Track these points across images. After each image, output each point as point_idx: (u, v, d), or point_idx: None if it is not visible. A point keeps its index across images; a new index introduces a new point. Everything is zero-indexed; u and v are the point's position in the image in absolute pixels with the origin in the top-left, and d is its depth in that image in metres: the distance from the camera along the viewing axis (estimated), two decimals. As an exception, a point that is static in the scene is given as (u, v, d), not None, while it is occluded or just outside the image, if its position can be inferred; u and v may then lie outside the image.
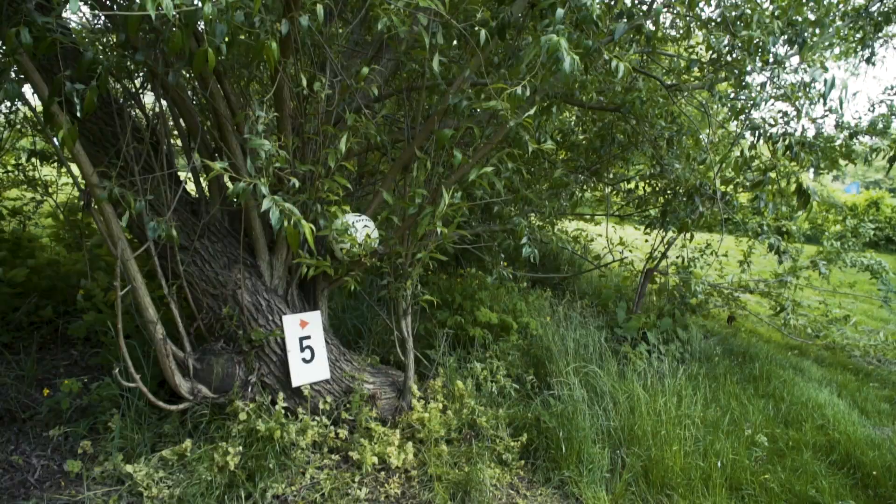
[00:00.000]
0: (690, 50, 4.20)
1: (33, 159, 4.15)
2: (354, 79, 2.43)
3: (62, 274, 4.38)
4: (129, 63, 2.32)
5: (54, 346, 3.91)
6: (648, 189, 4.55)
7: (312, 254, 2.83)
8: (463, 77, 2.45)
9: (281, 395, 2.81)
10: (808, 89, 3.22)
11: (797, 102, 3.24)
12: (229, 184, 1.84)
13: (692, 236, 4.56)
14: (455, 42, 2.94)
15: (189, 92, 3.08)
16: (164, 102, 2.80)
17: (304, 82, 2.27)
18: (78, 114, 2.18)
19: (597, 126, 4.23)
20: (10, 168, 4.66)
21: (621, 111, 3.34)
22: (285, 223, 1.71)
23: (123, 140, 2.46)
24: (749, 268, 5.29)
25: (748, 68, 2.94)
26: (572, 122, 4.47)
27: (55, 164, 4.50)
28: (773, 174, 3.37)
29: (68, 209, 4.72)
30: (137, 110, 2.83)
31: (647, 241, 5.11)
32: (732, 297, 5.08)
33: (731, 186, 4.17)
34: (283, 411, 2.75)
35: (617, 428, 3.16)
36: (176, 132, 3.01)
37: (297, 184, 2.12)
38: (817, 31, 3.11)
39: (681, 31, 4.22)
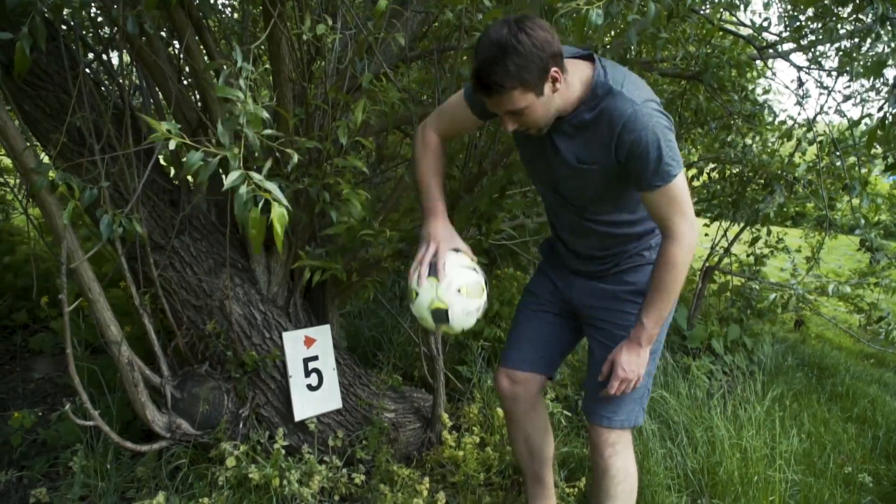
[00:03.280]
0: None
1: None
2: (372, 25, 1.84)
3: (41, 271, 3.86)
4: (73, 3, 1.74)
5: (28, 355, 3.39)
6: (716, 175, 3.90)
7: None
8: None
9: (281, 430, 2.24)
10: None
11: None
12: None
13: (769, 230, 3.93)
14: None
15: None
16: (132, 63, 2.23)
17: (307, 24, 1.68)
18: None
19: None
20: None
21: (701, 79, 2.71)
22: (253, 210, 1.12)
23: (79, 108, 1.89)
24: (818, 265, 4.62)
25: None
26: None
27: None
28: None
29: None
30: (101, 72, 2.27)
31: (706, 234, 4.48)
32: (805, 299, 4.42)
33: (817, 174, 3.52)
34: (282, 451, 2.19)
35: (696, 471, 2.55)
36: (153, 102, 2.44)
37: (294, 158, 1.51)
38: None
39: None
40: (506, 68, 1.40)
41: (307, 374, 2.30)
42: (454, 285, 1.57)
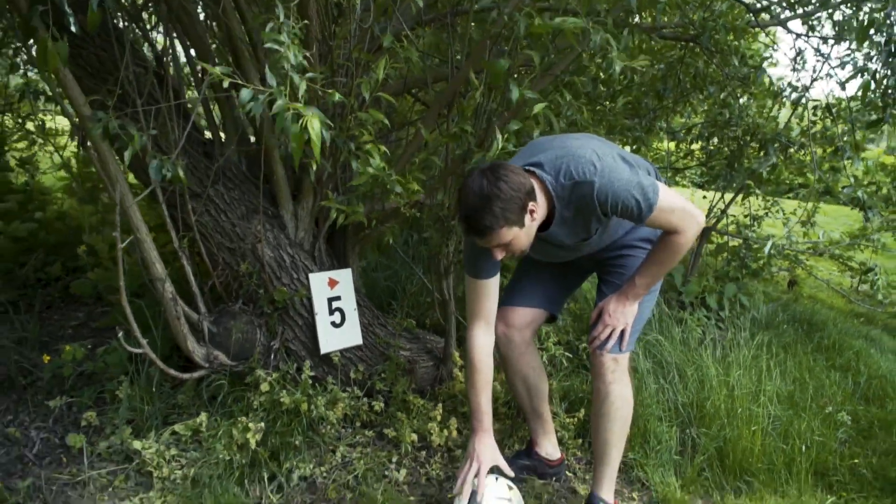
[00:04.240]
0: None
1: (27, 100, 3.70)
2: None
3: (72, 228, 4.08)
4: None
5: (63, 304, 3.62)
6: (715, 140, 4.07)
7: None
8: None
9: (308, 362, 2.47)
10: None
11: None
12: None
13: (763, 197, 4.10)
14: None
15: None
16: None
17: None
18: (72, 27, 1.79)
19: (654, 67, 3.75)
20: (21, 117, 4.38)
21: (698, 41, 2.88)
22: (293, 125, 1.35)
23: (122, 65, 2.08)
24: (813, 229, 4.81)
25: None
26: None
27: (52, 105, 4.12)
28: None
29: (81, 159, 4.38)
30: (139, 33, 2.45)
31: (705, 196, 4.66)
32: (798, 259, 4.62)
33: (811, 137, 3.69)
34: (310, 381, 2.42)
35: (686, 404, 2.78)
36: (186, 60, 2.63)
37: (336, 97, 1.74)
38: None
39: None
40: (492, 213, 1.67)
41: (331, 312, 2.52)
42: None
